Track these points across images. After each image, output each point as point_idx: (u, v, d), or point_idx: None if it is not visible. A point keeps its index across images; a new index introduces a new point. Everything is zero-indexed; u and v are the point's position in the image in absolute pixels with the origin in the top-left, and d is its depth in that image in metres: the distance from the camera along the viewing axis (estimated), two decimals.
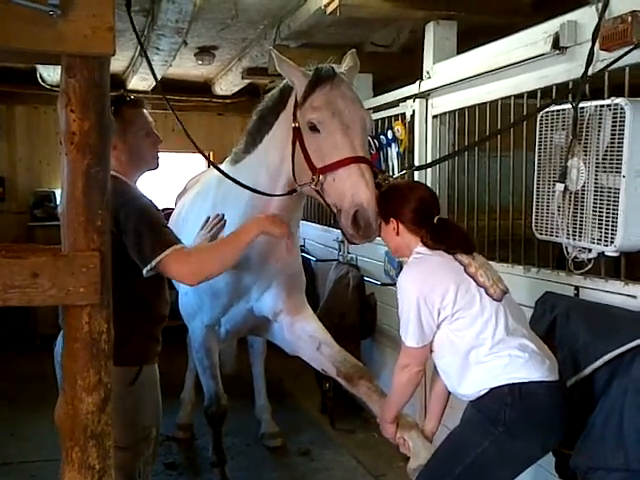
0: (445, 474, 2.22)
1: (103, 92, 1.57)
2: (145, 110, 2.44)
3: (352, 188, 2.32)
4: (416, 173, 4.15)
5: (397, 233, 2.36)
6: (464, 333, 2.22)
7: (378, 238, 2.48)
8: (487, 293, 2.23)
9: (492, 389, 2.19)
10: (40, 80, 6.34)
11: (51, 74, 6.06)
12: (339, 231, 5.28)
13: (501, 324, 2.21)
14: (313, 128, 2.44)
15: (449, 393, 2.48)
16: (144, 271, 2.18)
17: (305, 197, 2.84)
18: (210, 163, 2.95)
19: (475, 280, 2.24)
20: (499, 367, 2.19)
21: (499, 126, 3.37)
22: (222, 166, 3.32)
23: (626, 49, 2.40)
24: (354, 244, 2.50)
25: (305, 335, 3.10)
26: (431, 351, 2.32)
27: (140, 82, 6.41)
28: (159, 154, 2.50)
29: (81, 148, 1.54)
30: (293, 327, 3.15)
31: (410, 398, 2.38)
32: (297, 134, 2.51)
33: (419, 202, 2.36)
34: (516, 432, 2.15)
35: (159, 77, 5.75)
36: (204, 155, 2.77)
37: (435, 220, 2.35)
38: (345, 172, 2.35)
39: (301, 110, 2.49)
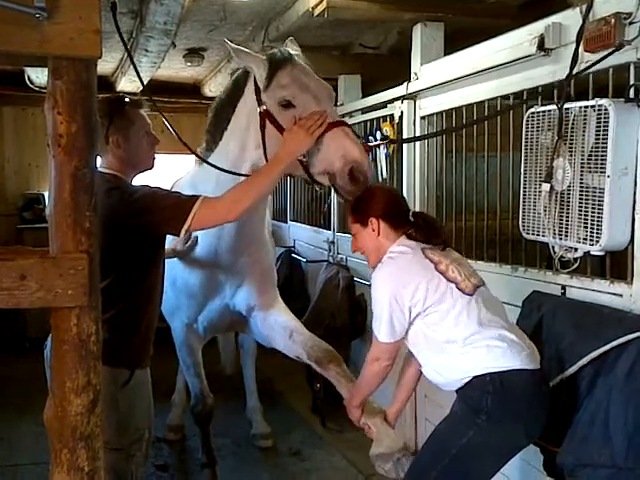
0: (432, 467, 2.24)
1: (90, 94, 1.56)
2: (144, 111, 2.51)
3: (341, 149, 2.39)
4: (404, 174, 4.18)
5: (378, 233, 2.41)
6: (437, 327, 2.27)
7: None
8: (458, 288, 2.28)
9: (474, 378, 2.22)
10: (28, 82, 6.30)
11: (39, 76, 6.03)
12: (329, 232, 5.35)
13: (473, 317, 2.25)
14: (287, 105, 2.51)
15: (417, 382, 2.59)
16: (182, 232, 2.24)
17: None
18: (195, 154, 2.98)
19: (445, 276, 2.29)
20: (478, 357, 2.22)
21: (486, 127, 3.41)
22: (191, 168, 3.38)
23: (609, 50, 2.43)
24: (349, 200, 2.49)
25: (278, 326, 3.21)
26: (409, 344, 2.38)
27: (129, 84, 6.39)
28: (155, 155, 2.55)
29: (68, 150, 1.53)
30: (267, 320, 3.25)
31: (376, 388, 2.50)
32: (266, 116, 2.56)
33: (396, 199, 2.55)
34: (499, 420, 2.19)
35: (149, 78, 5.76)
36: (189, 148, 2.78)
37: (411, 215, 2.46)
38: (330, 136, 2.40)
39: (267, 92, 2.55)
